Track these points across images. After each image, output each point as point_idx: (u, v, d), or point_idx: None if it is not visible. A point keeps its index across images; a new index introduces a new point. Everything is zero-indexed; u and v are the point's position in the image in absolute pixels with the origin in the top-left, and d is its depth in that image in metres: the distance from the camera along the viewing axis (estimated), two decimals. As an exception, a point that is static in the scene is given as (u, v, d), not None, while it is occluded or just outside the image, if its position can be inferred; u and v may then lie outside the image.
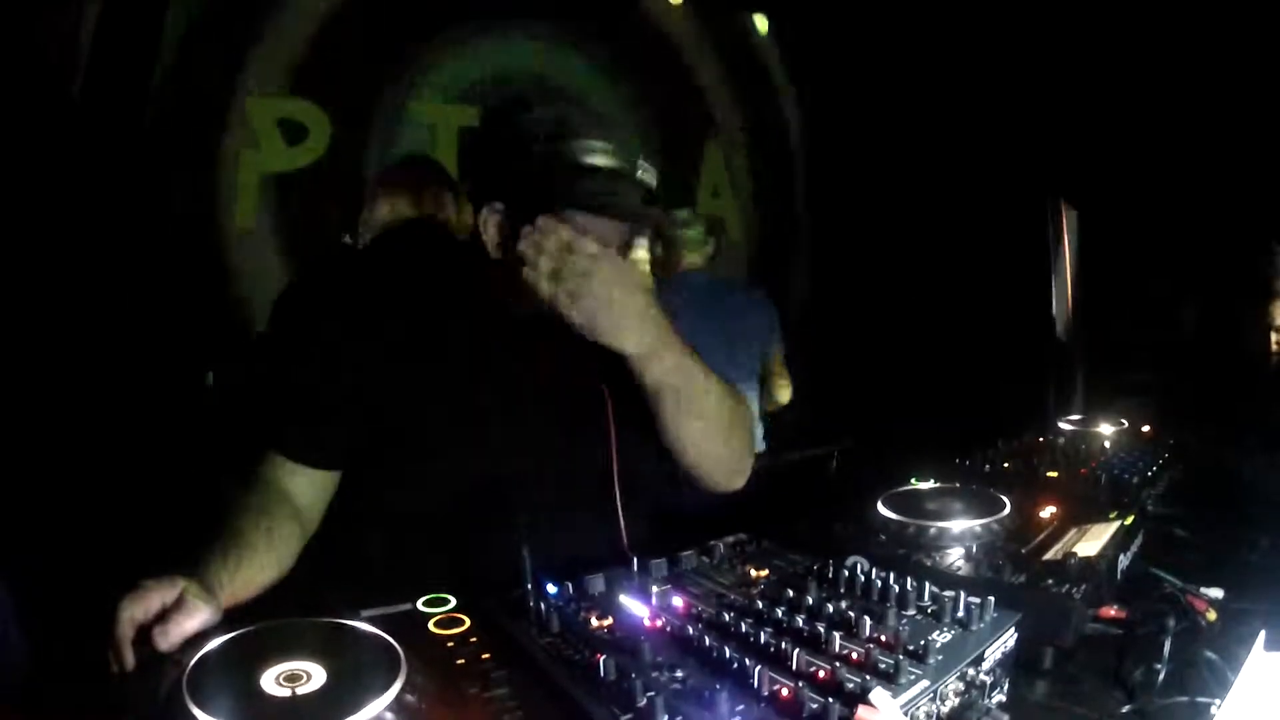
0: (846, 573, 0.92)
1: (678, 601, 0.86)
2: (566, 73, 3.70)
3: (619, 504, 1.31)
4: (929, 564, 1.02)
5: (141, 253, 2.78)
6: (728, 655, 0.72)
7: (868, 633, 0.77)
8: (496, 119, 1.23)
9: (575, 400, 1.33)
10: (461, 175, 1.34)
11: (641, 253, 1.24)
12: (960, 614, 0.81)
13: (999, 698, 0.80)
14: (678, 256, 2.75)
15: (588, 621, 0.82)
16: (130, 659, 0.80)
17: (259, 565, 1.08)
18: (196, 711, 0.62)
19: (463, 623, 0.82)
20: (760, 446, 2.87)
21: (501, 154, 1.19)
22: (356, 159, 3.25)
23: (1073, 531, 1.12)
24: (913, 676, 0.70)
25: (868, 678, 0.69)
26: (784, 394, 2.94)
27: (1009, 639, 0.81)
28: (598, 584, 0.91)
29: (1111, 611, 0.99)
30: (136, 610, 0.83)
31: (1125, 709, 0.85)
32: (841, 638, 0.75)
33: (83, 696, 0.81)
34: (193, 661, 0.69)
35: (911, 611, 0.84)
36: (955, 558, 1.03)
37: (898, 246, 3.87)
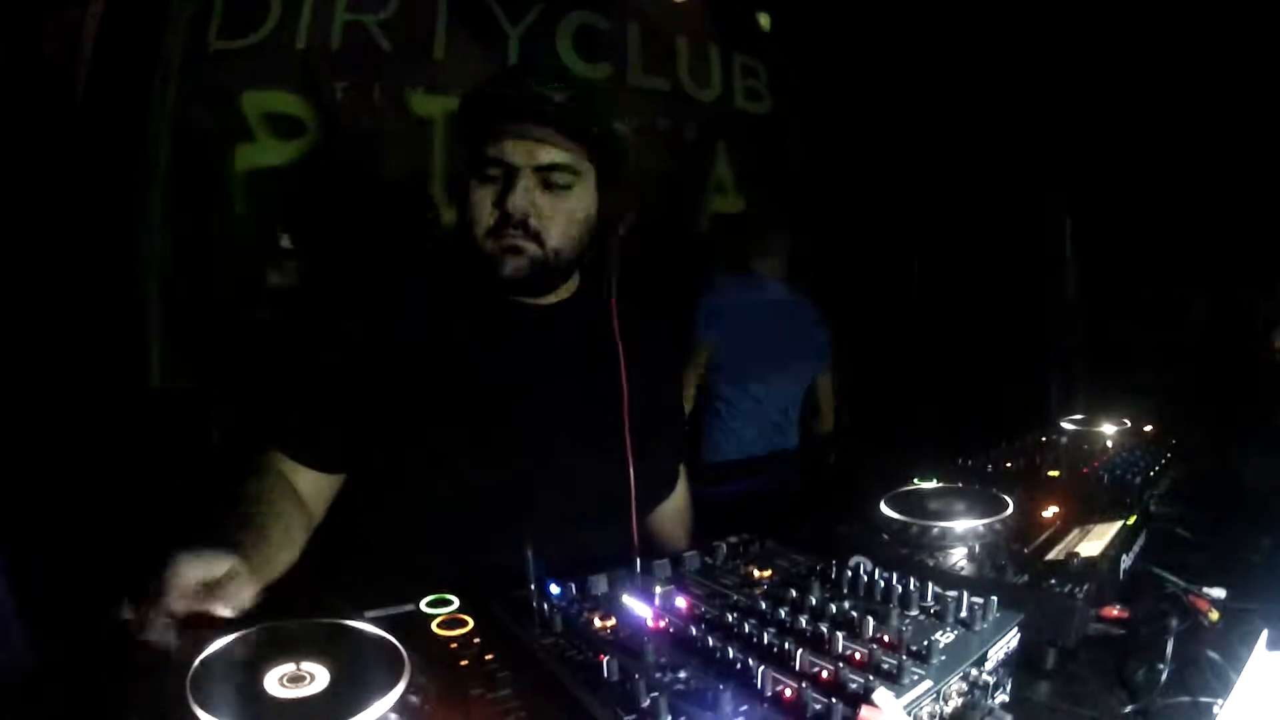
0: (849, 573, 0.92)
1: (681, 602, 0.86)
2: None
3: (634, 505, 1.31)
4: (932, 564, 1.02)
5: (140, 250, 2.79)
6: (731, 656, 0.72)
7: (870, 633, 0.77)
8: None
9: (588, 398, 1.33)
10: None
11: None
12: (963, 614, 0.81)
13: (1002, 698, 0.80)
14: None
15: (591, 622, 0.82)
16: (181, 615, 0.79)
17: (273, 555, 1.07)
18: (200, 712, 0.62)
19: (466, 624, 0.82)
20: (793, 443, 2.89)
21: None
22: (352, 153, 3.25)
23: (1075, 531, 1.12)
24: (916, 677, 0.70)
25: (871, 678, 0.69)
26: (826, 421, 2.97)
27: (1012, 639, 0.81)
28: (601, 585, 0.91)
29: (1114, 611, 0.99)
30: (199, 571, 0.83)
31: (1128, 709, 0.85)
32: (844, 638, 0.75)
33: (84, 697, 0.81)
34: (196, 662, 0.69)
35: (914, 612, 0.84)
36: (958, 558, 1.03)
37: (899, 246, 3.87)
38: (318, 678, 0.66)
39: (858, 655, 0.73)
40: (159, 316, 2.88)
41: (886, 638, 0.76)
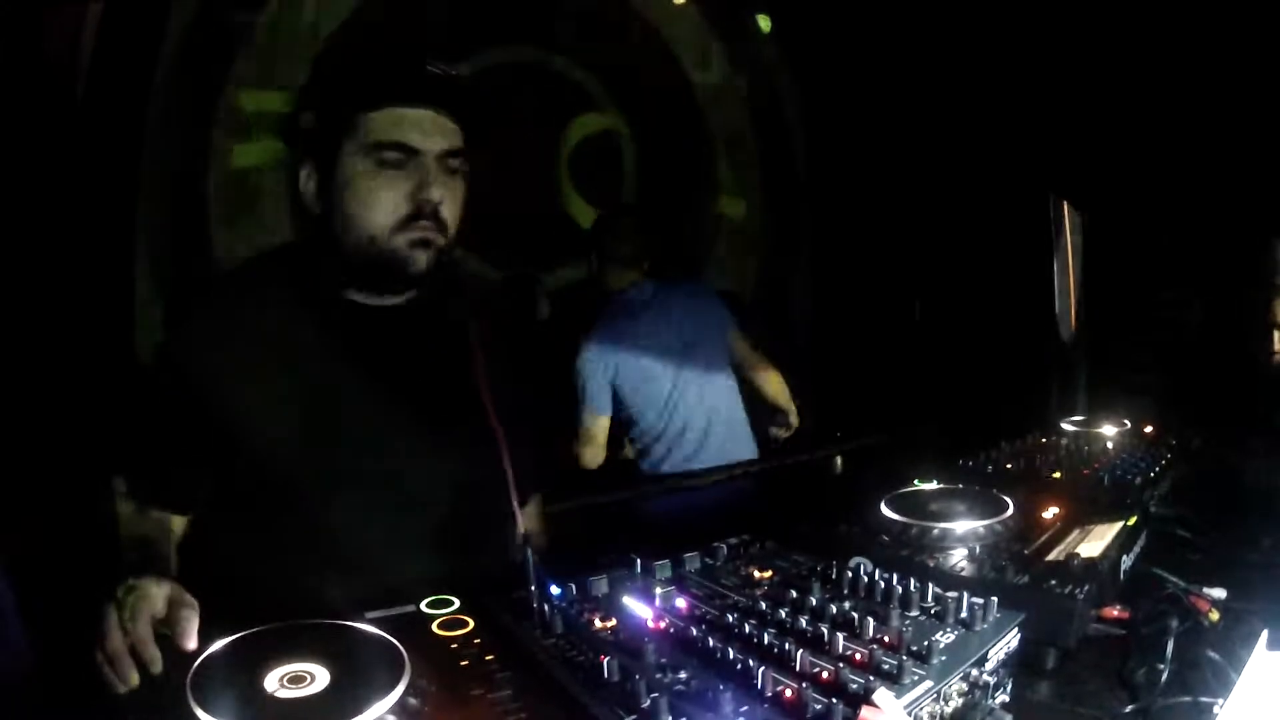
0: (850, 574, 0.92)
1: (681, 603, 0.86)
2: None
3: (514, 497, 1.30)
4: (932, 565, 1.02)
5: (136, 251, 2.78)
6: (731, 656, 0.72)
7: (871, 633, 0.77)
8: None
9: (450, 396, 1.29)
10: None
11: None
12: (964, 615, 0.81)
13: (1002, 698, 0.80)
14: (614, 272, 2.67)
15: (591, 623, 0.82)
16: (159, 660, 0.79)
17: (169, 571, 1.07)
18: (200, 713, 0.62)
19: (466, 624, 0.82)
20: (751, 453, 2.83)
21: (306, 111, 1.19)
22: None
23: (1076, 532, 1.12)
24: (916, 677, 0.70)
25: (871, 678, 0.69)
26: (773, 382, 2.89)
27: (1012, 639, 0.81)
28: (601, 585, 0.91)
29: (1114, 612, 0.99)
30: (154, 607, 0.82)
31: (1128, 709, 0.85)
32: (845, 638, 0.75)
33: (85, 698, 0.81)
34: (196, 663, 0.69)
35: (915, 612, 0.84)
36: (958, 559, 1.03)
37: (900, 246, 3.87)
38: (318, 678, 0.66)
39: (858, 656, 0.73)
40: (158, 320, 2.88)
41: (887, 638, 0.76)
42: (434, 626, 0.82)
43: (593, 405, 2.56)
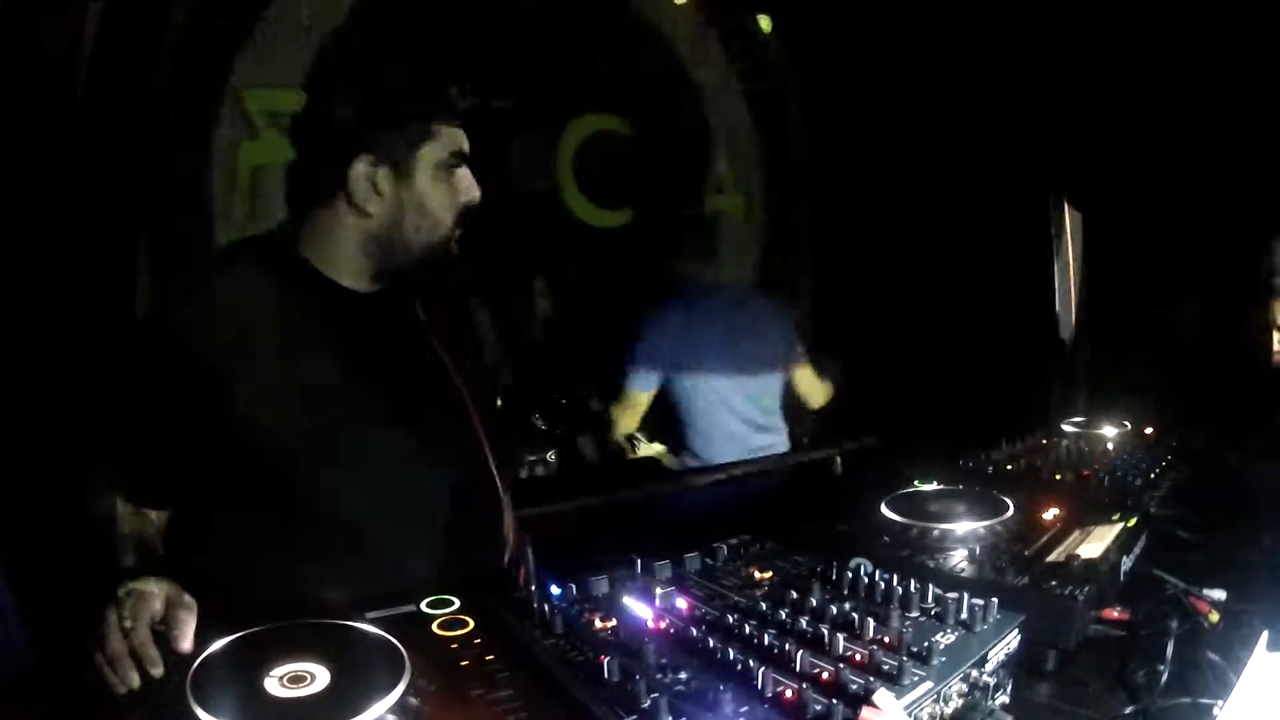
0: (850, 574, 0.92)
1: (681, 603, 0.86)
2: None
3: (500, 489, 1.31)
4: (932, 566, 1.02)
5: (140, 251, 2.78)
6: (731, 657, 0.72)
7: (871, 634, 0.77)
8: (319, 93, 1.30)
9: (430, 382, 1.30)
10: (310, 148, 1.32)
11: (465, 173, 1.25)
12: (964, 615, 0.81)
13: (1002, 699, 0.80)
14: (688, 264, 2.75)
15: (591, 623, 0.82)
16: (159, 662, 0.79)
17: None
18: (200, 713, 0.62)
19: (466, 624, 0.82)
20: (784, 446, 2.89)
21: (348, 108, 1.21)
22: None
23: (1076, 533, 1.12)
24: (916, 678, 0.70)
25: (871, 679, 0.69)
26: (816, 396, 2.95)
27: (1012, 640, 0.81)
28: (601, 585, 0.91)
29: (1114, 613, 0.99)
30: (153, 609, 0.83)
31: (1128, 710, 0.85)
32: (845, 639, 0.75)
33: (85, 697, 0.81)
34: (197, 663, 0.69)
35: (915, 613, 0.84)
36: (958, 559, 1.03)
37: (900, 247, 3.87)
38: (318, 678, 0.66)
39: (858, 656, 0.73)
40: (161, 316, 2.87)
41: (887, 639, 0.76)
42: (434, 626, 0.82)
43: (631, 379, 2.68)
